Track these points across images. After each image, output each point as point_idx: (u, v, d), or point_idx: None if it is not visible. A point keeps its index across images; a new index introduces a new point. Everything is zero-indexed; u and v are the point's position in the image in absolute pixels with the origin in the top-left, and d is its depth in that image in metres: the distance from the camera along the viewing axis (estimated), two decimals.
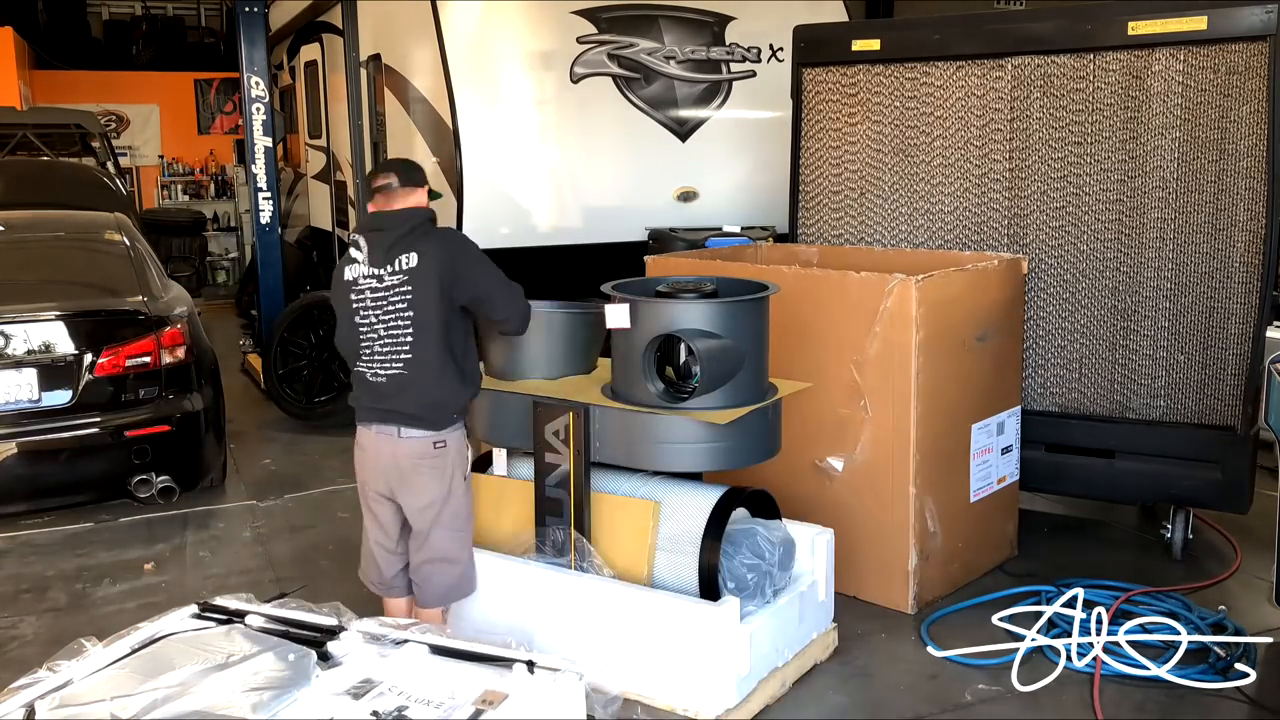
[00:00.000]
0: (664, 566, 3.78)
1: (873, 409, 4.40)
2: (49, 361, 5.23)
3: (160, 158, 14.99)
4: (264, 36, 8.57)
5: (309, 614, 2.98)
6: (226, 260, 14.29)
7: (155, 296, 5.63)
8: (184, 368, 5.56)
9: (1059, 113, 5.01)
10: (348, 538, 5.16)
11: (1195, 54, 4.69)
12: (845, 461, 4.47)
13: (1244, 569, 4.86)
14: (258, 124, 8.39)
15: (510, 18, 6.96)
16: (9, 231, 6.02)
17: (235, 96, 14.03)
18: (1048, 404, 5.15)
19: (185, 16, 16.70)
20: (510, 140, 6.83)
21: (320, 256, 10.57)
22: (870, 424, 4.40)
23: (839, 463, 4.48)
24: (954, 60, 5.24)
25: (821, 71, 5.60)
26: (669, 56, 7.15)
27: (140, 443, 5.38)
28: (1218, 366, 4.78)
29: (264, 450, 7.02)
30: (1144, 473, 4.93)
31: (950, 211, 5.33)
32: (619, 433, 3.74)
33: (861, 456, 4.44)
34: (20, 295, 5.42)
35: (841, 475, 4.50)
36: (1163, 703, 3.78)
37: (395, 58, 7.72)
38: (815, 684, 3.94)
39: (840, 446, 4.51)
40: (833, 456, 4.49)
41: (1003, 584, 4.69)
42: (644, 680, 3.69)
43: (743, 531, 3.80)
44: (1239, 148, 4.64)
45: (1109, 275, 4.97)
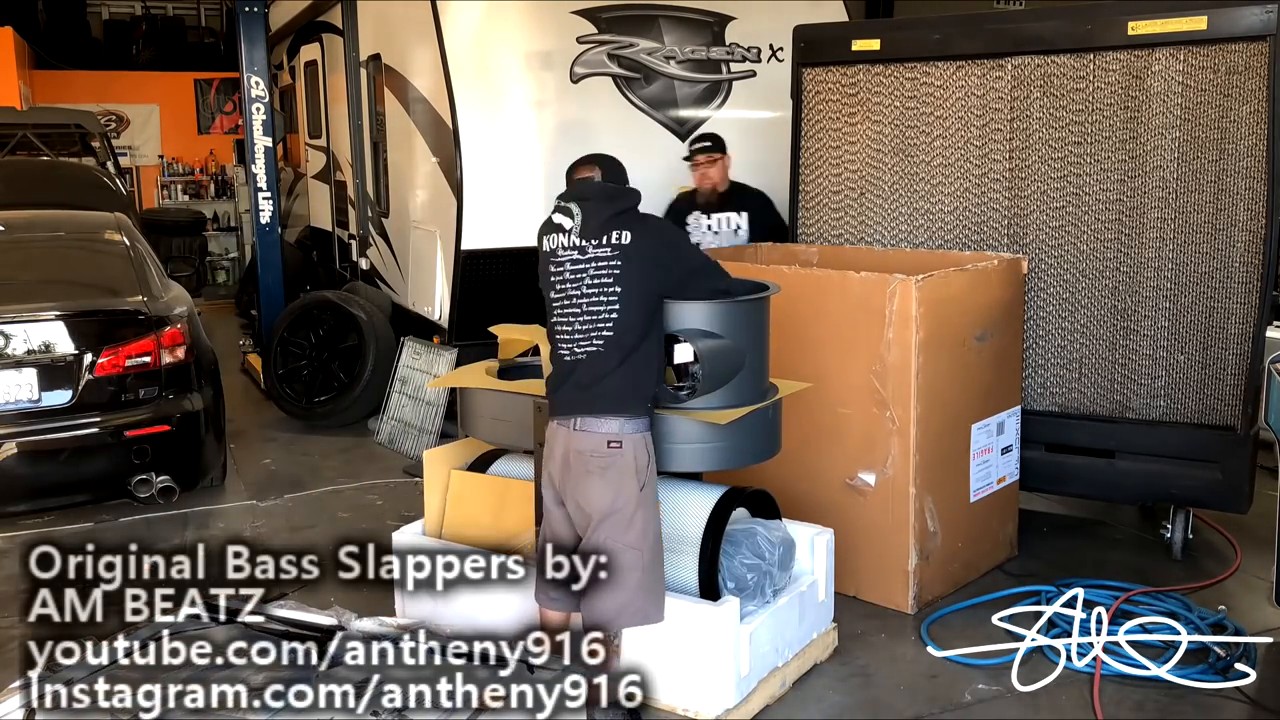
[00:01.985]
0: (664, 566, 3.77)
1: (876, 409, 4.39)
2: (49, 361, 5.23)
3: (160, 158, 14.98)
4: (264, 36, 8.57)
5: (309, 614, 2.98)
6: (226, 260, 14.28)
7: (155, 296, 5.63)
8: (184, 368, 5.55)
9: (1059, 113, 5.01)
10: (348, 538, 5.14)
11: (1195, 54, 4.69)
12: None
13: (1244, 569, 4.86)
14: (258, 124, 8.39)
15: (510, 18, 6.95)
16: (9, 231, 6.01)
17: (235, 96, 14.03)
18: (1048, 404, 5.15)
19: (185, 16, 16.70)
20: (510, 140, 6.83)
21: (320, 256, 10.58)
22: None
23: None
24: (954, 60, 5.23)
25: (821, 71, 5.60)
26: (669, 56, 7.14)
27: (140, 443, 5.37)
28: (1218, 366, 4.78)
29: (264, 450, 7.02)
30: (1144, 473, 4.93)
31: (950, 211, 5.33)
32: None
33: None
34: (20, 295, 5.42)
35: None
36: (1163, 703, 3.78)
37: (395, 58, 7.71)
38: (815, 684, 3.94)
39: (839, 446, 4.51)
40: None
41: (1003, 584, 4.69)
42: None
43: (743, 531, 3.80)
44: (1239, 148, 4.64)
45: (1109, 275, 4.97)
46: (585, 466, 3.32)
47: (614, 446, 3.29)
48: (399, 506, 5.74)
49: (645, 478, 3.36)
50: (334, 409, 7.42)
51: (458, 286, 6.79)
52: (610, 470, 3.30)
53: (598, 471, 3.31)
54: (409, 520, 4.51)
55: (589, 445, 3.31)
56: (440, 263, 7.07)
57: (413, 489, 5.85)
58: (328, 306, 7.68)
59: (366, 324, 7.40)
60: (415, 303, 7.58)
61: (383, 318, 7.67)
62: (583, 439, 3.32)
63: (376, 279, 8.56)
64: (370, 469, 6.56)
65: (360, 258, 8.78)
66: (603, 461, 3.30)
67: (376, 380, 7.26)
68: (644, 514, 3.35)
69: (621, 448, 3.30)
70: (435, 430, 6.81)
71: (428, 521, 4.29)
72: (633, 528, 3.33)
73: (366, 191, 8.58)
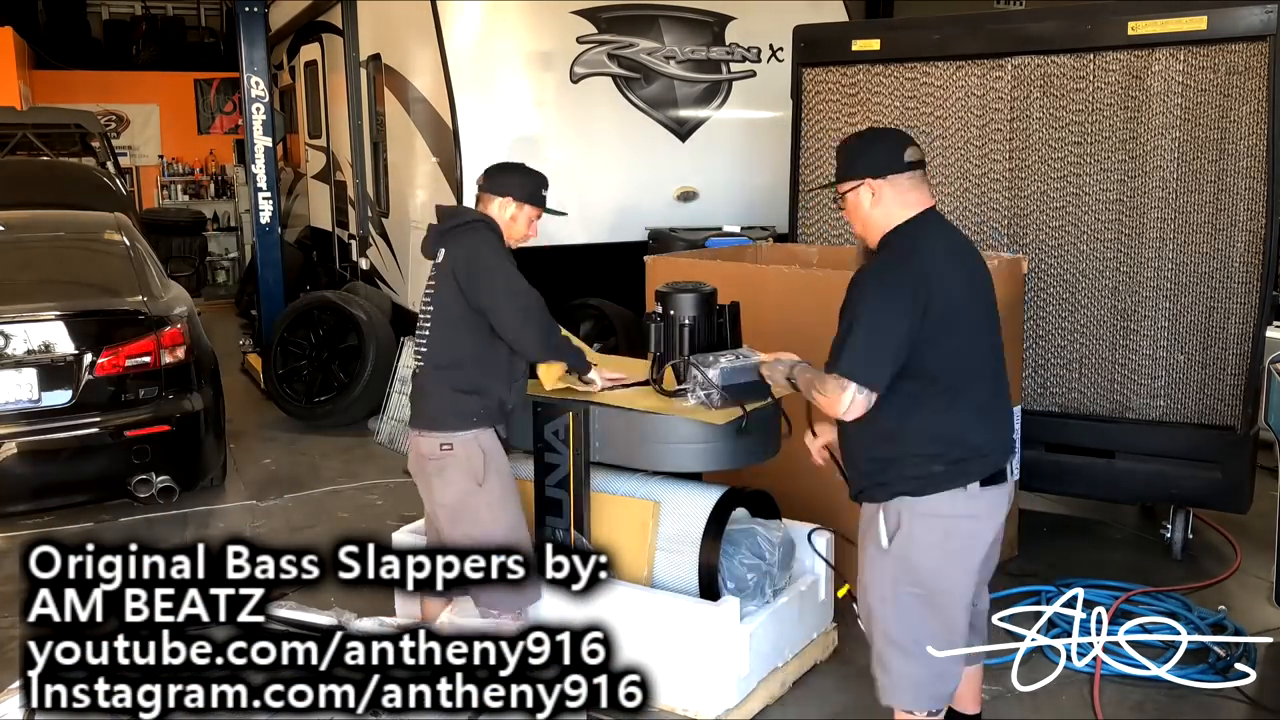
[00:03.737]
0: (664, 566, 3.77)
1: None
2: (49, 361, 5.22)
3: (160, 158, 14.99)
4: (264, 36, 8.57)
5: (309, 614, 2.99)
6: (226, 260, 14.28)
7: (155, 296, 5.63)
8: (184, 368, 5.55)
9: (1059, 113, 5.01)
10: (348, 538, 5.14)
11: (1195, 54, 4.69)
12: None
13: (1244, 569, 4.86)
14: (258, 124, 8.39)
15: (510, 18, 6.96)
16: (9, 231, 6.01)
17: (235, 96, 14.03)
18: (1048, 404, 5.15)
19: (185, 16, 16.70)
20: (510, 140, 6.83)
21: (320, 256, 10.59)
22: None
23: None
24: (954, 60, 5.23)
25: (821, 71, 5.59)
26: (669, 56, 7.14)
27: (140, 443, 5.37)
28: (1218, 366, 4.78)
29: (264, 450, 7.02)
30: (1144, 473, 4.93)
31: (950, 211, 5.32)
32: (619, 433, 3.73)
33: None
34: (20, 295, 5.41)
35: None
36: (1162, 703, 3.78)
37: (395, 58, 7.72)
38: (815, 684, 3.94)
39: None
40: None
41: (1003, 584, 4.69)
42: None
43: (743, 531, 3.80)
44: (1239, 148, 4.64)
45: (1109, 275, 4.97)
46: (424, 468, 3.57)
47: (446, 449, 3.52)
48: (399, 506, 5.74)
49: (484, 475, 3.53)
50: (334, 409, 7.42)
51: None
52: (446, 470, 3.52)
53: (435, 472, 3.54)
54: (409, 520, 4.51)
55: (426, 449, 3.55)
56: None
57: (413, 489, 5.79)
58: (328, 306, 7.67)
59: (366, 324, 7.40)
60: (415, 303, 7.57)
61: (383, 318, 7.67)
62: (421, 443, 3.57)
63: (376, 279, 8.56)
64: (370, 469, 6.56)
65: (360, 258, 8.78)
66: (439, 463, 3.53)
67: (376, 380, 7.26)
68: (490, 509, 3.55)
69: (453, 450, 3.51)
70: None
71: (427, 522, 4.29)
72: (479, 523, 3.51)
73: (366, 191, 8.58)
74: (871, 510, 3.01)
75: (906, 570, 2.94)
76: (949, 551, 2.94)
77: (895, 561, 2.95)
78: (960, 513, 2.91)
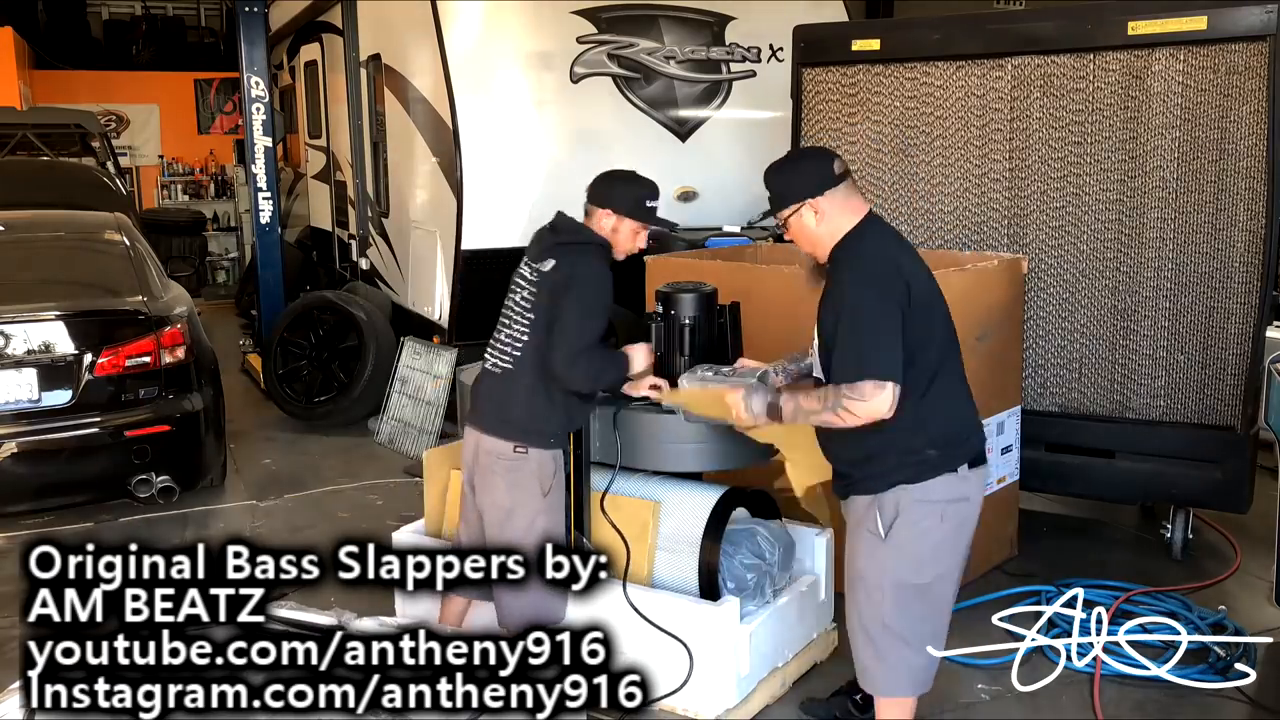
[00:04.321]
0: (664, 566, 3.77)
1: None
2: (49, 361, 5.22)
3: (160, 158, 14.99)
4: (264, 36, 8.57)
5: (309, 614, 2.98)
6: (226, 260, 14.28)
7: (155, 296, 5.63)
8: (184, 368, 5.55)
9: (1059, 113, 5.01)
10: (348, 538, 5.14)
11: (1195, 54, 4.69)
12: None
13: (1244, 569, 4.86)
14: (258, 124, 8.40)
15: (510, 18, 6.96)
16: (9, 231, 6.01)
17: (235, 96, 14.03)
18: (1048, 404, 5.15)
19: (185, 16, 16.71)
20: (510, 140, 6.83)
21: (320, 256, 10.59)
22: None
23: None
24: (954, 60, 5.24)
25: (821, 71, 5.60)
26: (669, 56, 7.14)
27: (140, 443, 5.37)
28: (1218, 366, 4.78)
29: (264, 450, 7.02)
30: (1144, 473, 4.94)
31: (950, 211, 5.33)
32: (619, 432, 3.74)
33: None
34: (20, 295, 5.41)
35: None
36: (1163, 703, 3.78)
37: (395, 58, 7.72)
38: (816, 684, 3.93)
39: None
40: None
41: (1003, 584, 4.69)
42: None
43: (743, 531, 3.80)
44: (1239, 148, 4.64)
45: (1109, 275, 4.97)
46: (490, 465, 3.52)
47: (520, 451, 3.48)
48: (399, 506, 5.74)
49: (550, 485, 3.52)
50: (334, 409, 7.42)
51: (458, 286, 6.79)
52: (516, 472, 3.49)
53: (503, 471, 3.50)
54: (409, 520, 4.50)
55: (496, 448, 3.50)
56: (440, 263, 7.07)
57: (413, 489, 5.85)
58: (328, 306, 7.68)
59: (366, 324, 7.40)
60: (415, 303, 7.58)
61: (383, 318, 7.67)
62: (487, 440, 3.53)
63: (376, 279, 8.56)
64: (370, 469, 6.56)
65: (360, 258, 8.78)
66: (511, 464, 3.48)
67: (376, 380, 7.27)
68: (546, 516, 3.53)
69: (528, 454, 3.47)
70: (435, 430, 6.81)
71: (428, 521, 4.29)
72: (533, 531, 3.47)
73: (366, 191, 8.58)
74: (864, 502, 3.05)
75: (905, 558, 3.00)
76: (944, 535, 3.02)
77: (894, 550, 3.00)
78: (954, 495, 3.00)
